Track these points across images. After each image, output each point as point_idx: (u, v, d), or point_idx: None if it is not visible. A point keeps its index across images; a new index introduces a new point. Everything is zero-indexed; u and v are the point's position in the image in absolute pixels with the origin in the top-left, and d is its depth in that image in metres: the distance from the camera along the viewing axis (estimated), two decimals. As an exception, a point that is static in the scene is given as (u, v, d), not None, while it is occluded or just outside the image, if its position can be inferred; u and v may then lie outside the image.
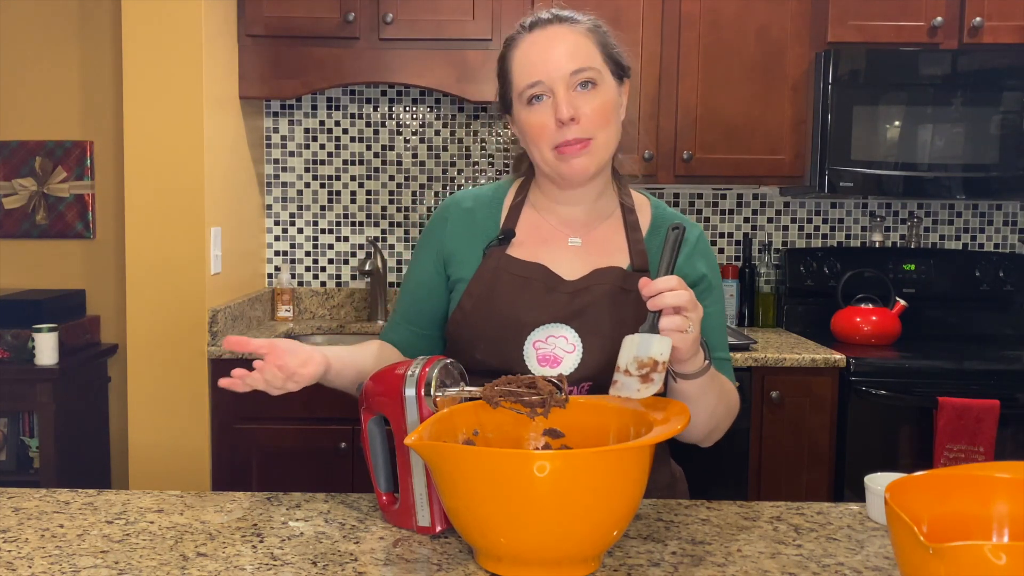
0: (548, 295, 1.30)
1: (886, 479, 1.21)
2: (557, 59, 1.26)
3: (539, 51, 1.28)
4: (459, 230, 1.38)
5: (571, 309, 1.29)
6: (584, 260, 1.34)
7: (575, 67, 1.26)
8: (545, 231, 1.37)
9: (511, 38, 1.33)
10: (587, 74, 1.26)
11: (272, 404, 2.63)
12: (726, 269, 3.14)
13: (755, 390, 2.60)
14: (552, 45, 1.27)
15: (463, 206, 1.40)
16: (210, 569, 1.02)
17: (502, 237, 1.35)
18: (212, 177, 2.64)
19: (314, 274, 3.26)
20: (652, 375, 1.12)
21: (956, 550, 0.75)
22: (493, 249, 1.34)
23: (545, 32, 1.29)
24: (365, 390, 1.19)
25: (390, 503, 1.19)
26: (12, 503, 1.24)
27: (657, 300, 1.11)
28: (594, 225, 1.37)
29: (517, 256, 1.34)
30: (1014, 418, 2.51)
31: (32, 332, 2.66)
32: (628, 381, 1.13)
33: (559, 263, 1.33)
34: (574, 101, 1.25)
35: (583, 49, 1.27)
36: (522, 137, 1.33)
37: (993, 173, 2.76)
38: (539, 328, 1.29)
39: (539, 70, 1.26)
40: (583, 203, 1.36)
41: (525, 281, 1.31)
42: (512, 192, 1.42)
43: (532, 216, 1.38)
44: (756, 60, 2.84)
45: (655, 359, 1.12)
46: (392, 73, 2.84)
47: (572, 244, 1.36)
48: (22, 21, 3.03)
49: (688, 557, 1.06)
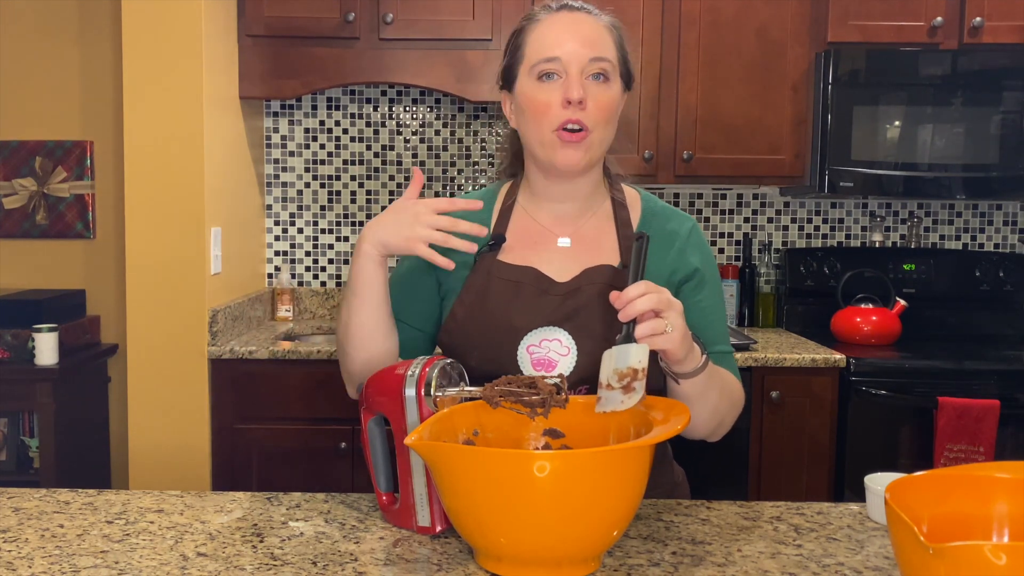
0: (540, 298, 1.30)
1: (886, 479, 1.21)
2: (580, 41, 1.26)
3: (562, 29, 1.28)
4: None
5: (563, 311, 1.29)
6: (575, 260, 1.33)
7: (595, 54, 1.26)
8: (535, 233, 1.36)
9: (532, 14, 1.32)
10: (603, 65, 1.27)
11: (272, 404, 2.65)
12: (726, 269, 3.14)
13: (755, 390, 2.60)
14: (577, 27, 1.28)
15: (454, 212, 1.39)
16: (210, 569, 1.02)
17: (492, 243, 1.34)
18: (212, 177, 2.64)
19: (314, 274, 3.26)
20: (633, 384, 1.12)
21: (956, 550, 0.75)
22: (484, 255, 1.34)
23: (572, 16, 1.29)
24: (365, 390, 1.19)
25: (390, 503, 1.19)
26: (12, 503, 1.24)
27: (628, 310, 1.11)
28: (584, 222, 1.36)
29: (507, 261, 1.33)
30: (1014, 418, 2.51)
31: (32, 332, 2.66)
32: (611, 395, 1.13)
33: (550, 265, 1.33)
34: (586, 87, 1.25)
35: (604, 41, 1.28)
36: (520, 115, 1.31)
37: (993, 173, 2.76)
38: (532, 332, 1.28)
39: (559, 47, 1.26)
40: (573, 200, 1.35)
41: (516, 285, 1.31)
42: (501, 196, 1.41)
43: (522, 218, 1.38)
44: (756, 60, 2.84)
45: (634, 368, 1.11)
46: (392, 73, 2.84)
47: (562, 245, 1.35)
48: (22, 21, 3.03)
49: (688, 557, 1.06)
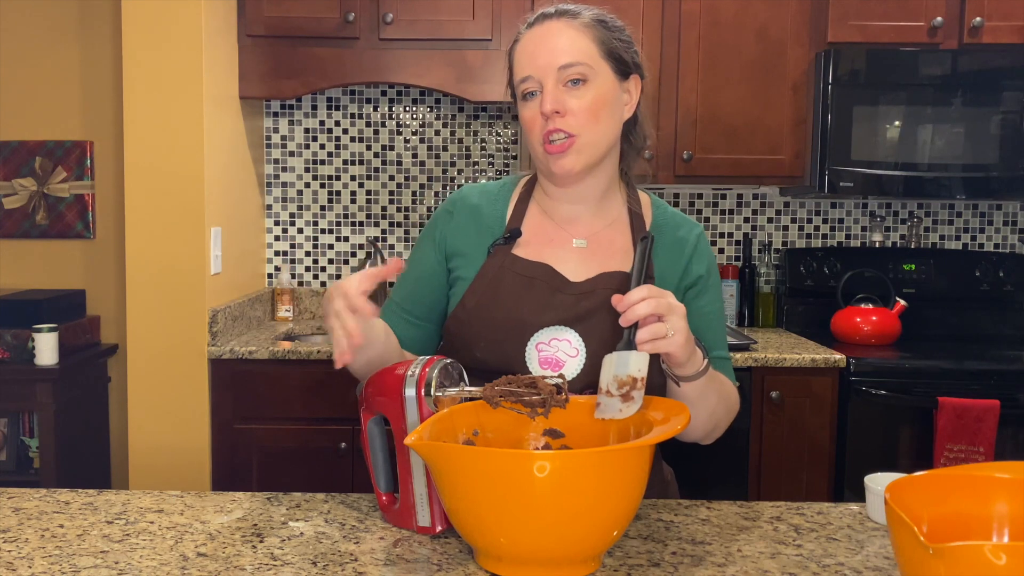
0: (553, 296, 1.29)
1: (886, 479, 1.21)
2: (547, 54, 1.26)
3: (534, 46, 1.28)
4: (464, 226, 1.37)
5: (576, 312, 1.28)
6: (590, 262, 1.33)
7: (564, 62, 1.25)
8: (550, 231, 1.36)
9: (518, 32, 1.33)
10: (577, 69, 1.25)
11: (272, 404, 2.65)
12: (726, 269, 3.14)
13: (755, 390, 2.60)
14: (545, 40, 1.27)
15: (470, 202, 1.39)
16: (210, 569, 1.02)
17: (508, 236, 1.34)
18: (212, 177, 2.64)
19: (314, 274, 3.26)
20: (632, 393, 1.12)
21: (956, 550, 0.75)
22: (498, 247, 1.33)
23: (543, 27, 1.29)
24: (365, 390, 1.19)
25: (390, 503, 1.18)
26: (12, 503, 1.24)
27: (629, 314, 1.11)
28: (598, 227, 1.36)
29: (522, 255, 1.33)
30: (1014, 418, 2.51)
31: (32, 332, 2.66)
32: (610, 402, 1.13)
33: (564, 264, 1.32)
34: (560, 96, 1.25)
35: (577, 44, 1.26)
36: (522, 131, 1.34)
37: (993, 173, 2.76)
38: (543, 330, 1.28)
39: (530, 65, 1.27)
40: (584, 202, 1.35)
41: (530, 281, 1.30)
42: (519, 189, 1.41)
43: (537, 215, 1.37)
44: (756, 60, 2.84)
45: (633, 376, 1.12)
46: (392, 73, 2.84)
47: (577, 245, 1.34)
48: (22, 21, 3.03)
49: (688, 557, 1.06)
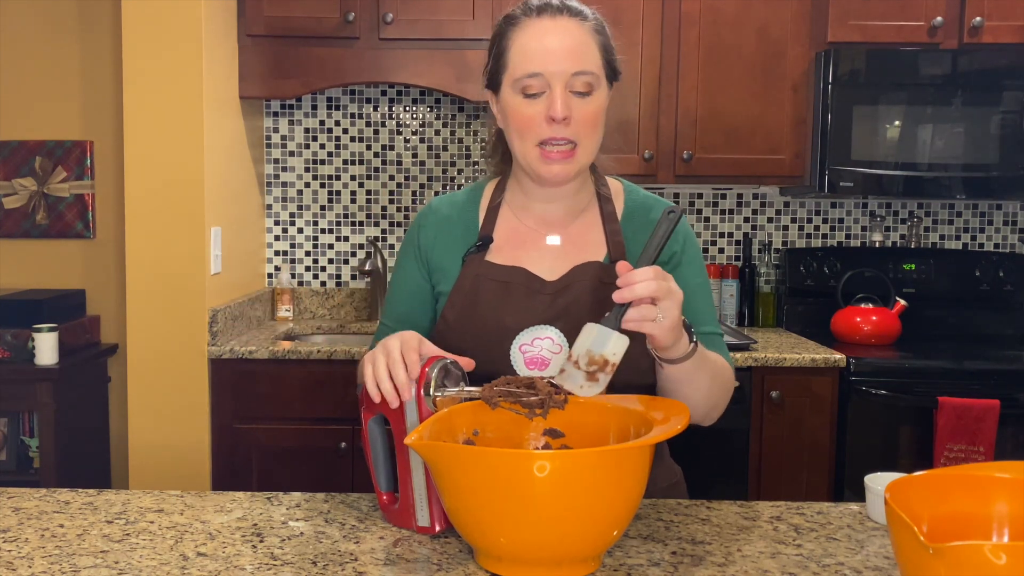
0: (530, 298, 1.29)
1: (886, 479, 1.20)
2: (562, 56, 1.22)
3: (544, 41, 1.23)
4: (437, 238, 1.37)
5: (554, 310, 1.28)
6: (563, 258, 1.33)
7: (578, 68, 1.22)
8: (523, 232, 1.35)
9: (514, 16, 1.27)
10: (587, 78, 1.23)
11: (272, 404, 2.64)
12: (726, 269, 3.14)
13: (755, 390, 2.60)
14: (559, 39, 1.23)
15: (440, 214, 1.38)
16: (210, 569, 1.02)
17: (480, 244, 1.33)
18: (212, 177, 2.64)
19: (314, 274, 3.26)
20: (598, 375, 1.11)
21: (956, 550, 0.75)
22: (472, 256, 1.33)
23: (554, 22, 1.24)
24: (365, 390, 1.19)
25: (390, 503, 1.18)
26: (12, 503, 1.24)
27: (627, 292, 1.08)
28: (571, 221, 1.35)
29: (496, 261, 1.33)
30: (1014, 418, 2.51)
31: (32, 332, 2.66)
32: (575, 374, 1.12)
33: (539, 264, 1.32)
34: (569, 102, 1.22)
35: (588, 50, 1.24)
36: (505, 124, 1.29)
37: (993, 173, 2.76)
38: (524, 331, 1.28)
39: (541, 63, 1.22)
40: (561, 200, 1.34)
41: (506, 286, 1.30)
42: (488, 193, 1.40)
43: (509, 218, 1.37)
44: (756, 60, 2.84)
45: (606, 358, 1.11)
46: (392, 73, 2.84)
47: (551, 243, 1.34)
48: (22, 21, 3.03)
49: (688, 557, 1.06)
